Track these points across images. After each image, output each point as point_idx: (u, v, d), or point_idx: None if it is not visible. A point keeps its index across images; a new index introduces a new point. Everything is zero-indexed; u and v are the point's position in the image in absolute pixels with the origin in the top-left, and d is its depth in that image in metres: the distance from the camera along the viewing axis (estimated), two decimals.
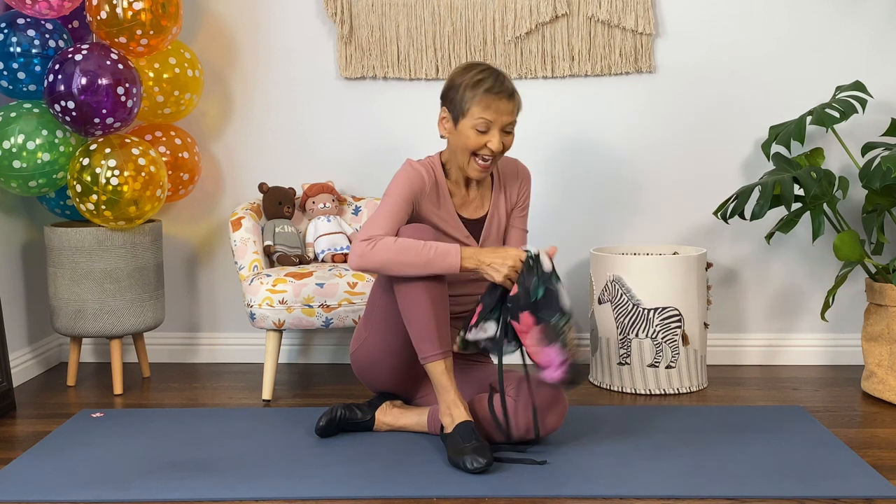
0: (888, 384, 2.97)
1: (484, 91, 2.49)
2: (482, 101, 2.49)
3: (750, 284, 3.49)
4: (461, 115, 2.52)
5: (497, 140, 2.51)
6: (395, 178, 2.56)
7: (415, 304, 2.44)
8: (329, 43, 3.49)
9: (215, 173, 3.57)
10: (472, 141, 2.52)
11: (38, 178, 3.04)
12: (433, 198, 2.60)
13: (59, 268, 3.11)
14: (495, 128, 2.50)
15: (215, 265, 3.61)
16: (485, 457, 2.34)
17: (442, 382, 2.47)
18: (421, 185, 2.56)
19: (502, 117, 2.50)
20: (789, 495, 2.19)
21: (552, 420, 2.49)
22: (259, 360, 3.57)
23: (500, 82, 2.51)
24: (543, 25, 3.39)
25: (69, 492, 2.26)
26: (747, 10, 3.39)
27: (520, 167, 2.76)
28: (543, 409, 2.46)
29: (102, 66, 2.95)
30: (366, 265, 2.43)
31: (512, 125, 2.54)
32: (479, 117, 2.49)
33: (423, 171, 2.58)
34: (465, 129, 2.52)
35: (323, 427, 2.64)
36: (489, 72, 2.53)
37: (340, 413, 2.66)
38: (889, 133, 3.18)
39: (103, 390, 3.22)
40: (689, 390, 3.11)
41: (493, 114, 2.49)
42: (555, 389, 2.48)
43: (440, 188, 2.62)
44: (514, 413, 2.46)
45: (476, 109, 2.49)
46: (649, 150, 3.46)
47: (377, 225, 2.47)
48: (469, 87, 2.50)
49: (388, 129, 3.51)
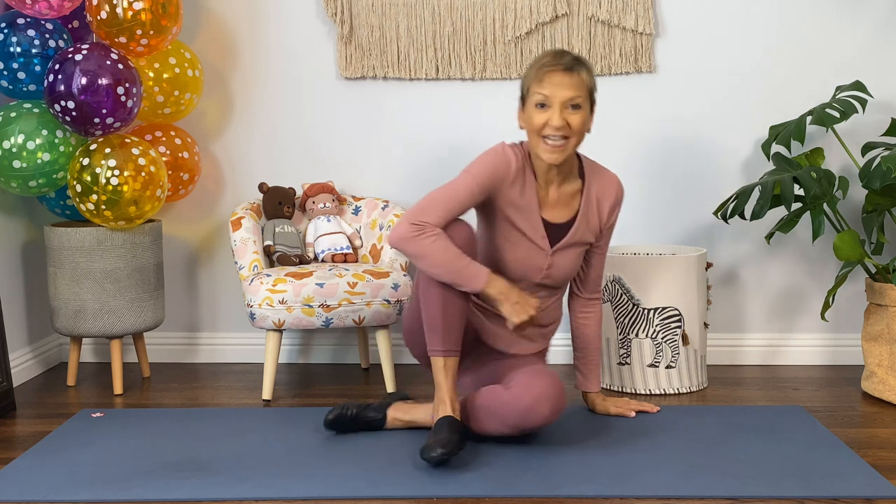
0: (888, 384, 2.97)
1: (539, 67, 2.47)
2: (538, 76, 2.47)
3: (750, 284, 3.49)
4: (526, 97, 2.51)
5: (558, 116, 2.44)
6: (479, 158, 2.51)
7: (428, 296, 2.46)
8: (329, 43, 3.49)
9: (215, 173, 3.57)
10: (535, 120, 2.47)
11: (38, 178, 3.04)
12: (518, 186, 2.53)
13: (59, 268, 3.11)
14: (555, 104, 2.44)
15: (215, 265, 3.61)
16: (444, 447, 2.32)
17: (437, 378, 2.49)
18: (505, 171, 2.51)
19: (560, 91, 2.44)
20: (789, 495, 2.19)
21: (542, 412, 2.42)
22: (259, 360, 3.57)
23: (559, 57, 2.46)
24: (543, 25, 3.39)
25: (69, 492, 2.26)
26: (747, 10, 3.39)
27: (616, 185, 2.66)
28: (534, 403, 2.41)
29: (102, 66, 2.95)
30: (402, 248, 2.43)
31: (576, 102, 2.45)
32: (536, 92, 2.47)
33: (513, 157, 2.52)
34: (528, 109, 2.49)
35: (331, 421, 2.63)
36: (554, 51, 2.50)
37: (352, 411, 2.65)
38: (889, 133, 3.18)
39: (103, 390, 3.22)
40: (689, 390, 3.11)
41: (549, 87, 2.44)
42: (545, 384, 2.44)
43: (527, 177, 2.55)
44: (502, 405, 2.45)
45: (534, 86, 2.47)
46: (649, 149, 3.45)
47: (435, 209, 2.42)
48: (531, 68, 2.50)
49: (388, 129, 3.51)
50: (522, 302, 2.43)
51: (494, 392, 2.49)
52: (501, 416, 2.46)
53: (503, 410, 2.45)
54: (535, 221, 2.57)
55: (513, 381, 2.47)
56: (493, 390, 2.50)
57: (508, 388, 2.46)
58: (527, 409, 2.41)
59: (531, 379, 2.45)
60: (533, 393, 2.42)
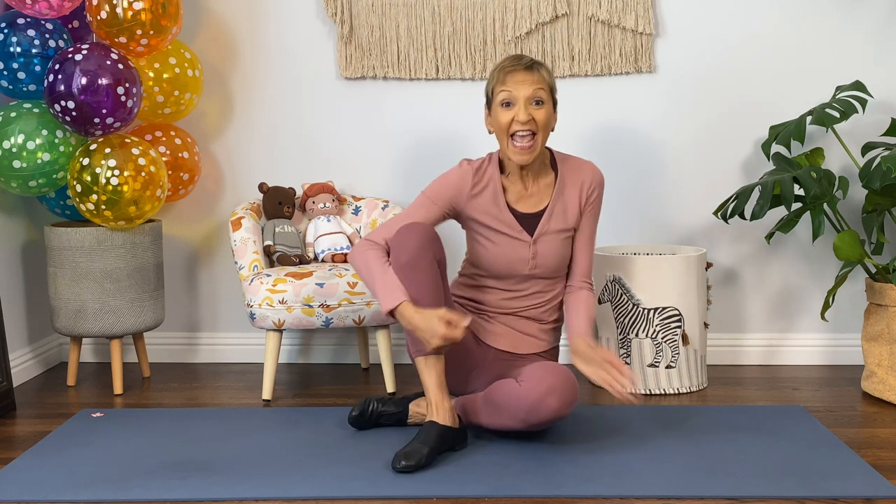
0: (888, 384, 2.97)
1: (500, 69, 2.58)
2: (500, 77, 2.57)
3: (750, 284, 3.49)
4: (491, 100, 2.59)
5: (523, 111, 2.53)
6: (436, 178, 2.67)
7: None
8: (329, 43, 3.49)
9: (215, 173, 3.57)
10: (501, 119, 2.56)
11: (38, 178, 3.04)
12: (487, 193, 2.63)
13: (59, 268, 3.11)
14: (519, 100, 2.53)
15: (215, 265, 3.61)
16: (408, 460, 2.36)
17: (422, 379, 2.53)
18: (461, 185, 2.63)
19: (523, 88, 2.53)
20: (789, 495, 2.19)
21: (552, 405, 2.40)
22: (259, 360, 3.57)
23: (519, 59, 2.58)
24: (543, 25, 3.39)
25: (69, 492, 2.26)
26: (747, 10, 3.39)
27: (588, 168, 2.71)
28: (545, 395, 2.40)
29: (102, 66, 2.95)
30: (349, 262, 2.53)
31: (539, 97, 2.55)
32: (501, 91, 2.56)
33: (469, 170, 2.64)
34: (494, 110, 2.58)
35: (355, 417, 2.70)
36: (513, 55, 2.61)
37: (374, 406, 2.70)
38: (889, 133, 3.18)
39: (103, 390, 3.22)
40: (689, 390, 3.11)
41: (512, 85, 2.54)
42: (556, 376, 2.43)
43: (492, 183, 2.64)
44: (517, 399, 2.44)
45: (498, 87, 2.57)
46: (649, 149, 3.45)
47: (387, 228, 2.58)
48: (493, 72, 2.60)
49: (388, 129, 3.51)
50: (429, 331, 2.39)
51: (505, 385, 2.48)
52: (511, 409, 2.44)
53: (513, 404, 2.44)
54: (507, 218, 2.63)
55: (523, 375, 2.47)
56: (503, 384, 2.49)
57: (519, 381, 2.46)
58: (537, 402, 2.40)
59: (542, 372, 2.44)
60: (544, 385, 2.41)
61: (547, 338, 2.74)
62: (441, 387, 2.51)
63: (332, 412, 2.88)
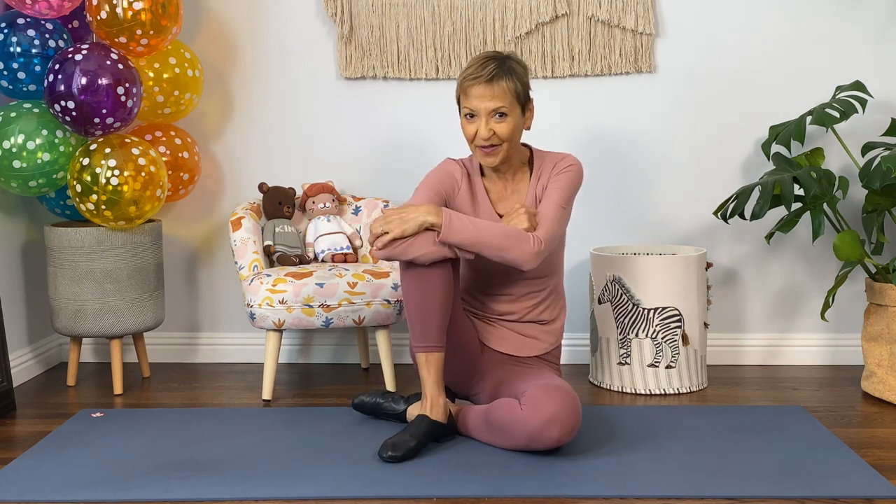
0: (888, 384, 2.97)
1: (462, 79, 2.53)
2: (463, 88, 2.53)
3: (750, 284, 3.49)
4: (459, 108, 2.58)
5: (484, 127, 2.50)
6: (429, 172, 2.64)
7: (404, 293, 2.51)
8: (329, 43, 3.49)
9: (215, 173, 3.57)
10: (466, 130, 2.56)
11: (38, 178, 3.04)
12: (467, 194, 2.64)
13: (59, 268, 3.11)
14: (481, 115, 2.50)
15: (215, 265, 3.61)
16: (394, 451, 2.39)
17: (420, 375, 2.53)
18: (451, 181, 2.63)
19: (483, 103, 2.49)
20: (789, 495, 2.19)
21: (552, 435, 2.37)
22: (259, 360, 3.57)
23: (481, 68, 2.48)
24: (543, 25, 3.39)
25: (69, 492, 2.26)
26: (747, 10, 3.39)
27: (562, 159, 2.64)
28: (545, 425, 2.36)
29: (102, 66, 2.95)
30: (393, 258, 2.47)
31: (500, 111, 2.49)
32: (463, 106, 2.54)
33: (457, 168, 2.65)
34: (461, 120, 2.57)
35: (357, 404, 2.77)
36: (479, 61, 2.51)
37: (377, 400, 2.74)
38: (889, 133, 3.18)
39: (103, 390, 3.22)
40: (689, 390, 3.11)
41: (473, 100, 2.50)
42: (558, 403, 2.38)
43: (475, 184, 2.65)
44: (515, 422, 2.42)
45: (462, 99, 2.55)
46: (649, 150, 3.46)
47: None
48: (459, 78, 2.56)
49: (387, 129, 3.51)
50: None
51: (506, 407, 2.44)
52: (513, 435, 2.42)
53: (515, 428, 2.41)
54: (491, 215, 2.62)
55: (525, 397, 2.41)
56: (504, 406, 2.45)
57: (521, 405, 2.41)
58: (538, 431, 2.37)
59: (545, 398, 2.38)
60: (546, 414, 2.36)
61: (548, 338, 2.74)
62: (438, 384, 2.51)
63: (331, 412, 2.88)
